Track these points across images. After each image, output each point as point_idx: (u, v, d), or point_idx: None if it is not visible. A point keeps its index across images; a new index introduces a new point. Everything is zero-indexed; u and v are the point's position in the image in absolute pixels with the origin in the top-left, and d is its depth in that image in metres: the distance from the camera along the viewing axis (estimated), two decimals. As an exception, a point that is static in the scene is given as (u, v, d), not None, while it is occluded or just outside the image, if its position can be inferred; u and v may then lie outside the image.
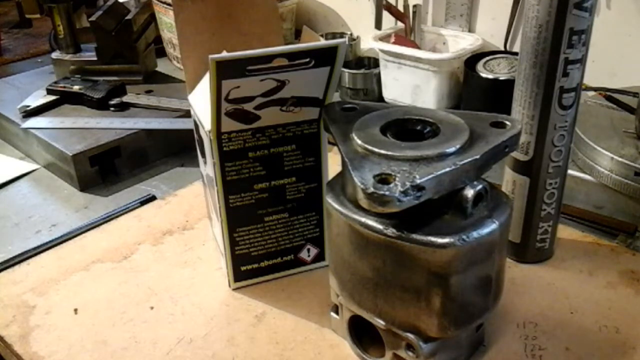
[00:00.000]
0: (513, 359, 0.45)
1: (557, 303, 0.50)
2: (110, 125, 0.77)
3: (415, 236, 0.37)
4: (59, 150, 0.72)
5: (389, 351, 0.43)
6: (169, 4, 0.99)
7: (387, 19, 0.95)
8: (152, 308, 0.52)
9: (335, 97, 0.49)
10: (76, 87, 0.84)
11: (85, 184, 0.72)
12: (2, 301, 0.53)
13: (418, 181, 0.35)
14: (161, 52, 1.07)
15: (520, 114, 0.49)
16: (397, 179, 0.35)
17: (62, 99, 0.84)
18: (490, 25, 0.91)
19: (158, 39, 1.03)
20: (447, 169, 0.36)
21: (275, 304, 0.51)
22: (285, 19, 1.06)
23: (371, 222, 0.39)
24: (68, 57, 0.92)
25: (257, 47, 0.41)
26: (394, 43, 0.89)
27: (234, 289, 0.53)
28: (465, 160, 0.37)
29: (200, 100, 0.50)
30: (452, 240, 0.37)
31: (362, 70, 0.93)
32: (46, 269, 0.57)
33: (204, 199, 0.60)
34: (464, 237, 0.37)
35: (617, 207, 0.62)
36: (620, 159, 0.60)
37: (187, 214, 0.64)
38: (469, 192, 0.38)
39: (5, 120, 0.83)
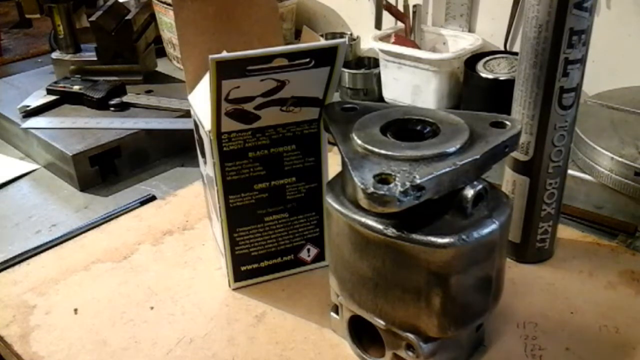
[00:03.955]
0: (513, 359, 0.45)
1: (557, 303, 0.50)
2: (110, 125, 0.77)
3: (415, 236, 0.37)
4: (59, 150, 0.72)
5: (389, 351, 0.43)
6: (169, 4, 0.99)
7: (387, 19, 0.95)
8: (152, 308, 0.52)
9: (335, 97, 0.49)
10: (76, 87, 0.84)
11: (85, 184, 0.72)
12: (2, 301, 0.53)
13: (418, 181, 0.35)
14: (161, 52, 1.07)
15: (520, 114, 0.49)
16: (397, 179, 0.35)
17: (62, 99, 0.83)
18: (490, 25, 0.91)
19: (158, 39, 1.03)
20: (447, 169, 0.36)
21: (275, 304, 0.51)
22: (285, 19, 1.06)
23: (371, 222, 0.39)
24: (68, 57, 0.92)
25: (257, 47, 0.41)
26: (394, 43, 0.89)
27: (234, 289, 0.53)
28: (465, 160, 0.37)
29: (200, 100, 0.50)
30: (452, 240, 0.37)
31: (362, 70, 0.93)
32: (46, 269, 0.57)
33: (204, 199, 0.60)
34: (464, 237, 0.37)
35: (617, 207, 0.62)
36: (620, 159, 0.60)
37: (187, 214, 0.64)
38: (469, 192, 0.38)
39: (5, 120, 0.83)
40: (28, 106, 0.81)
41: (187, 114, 0.77)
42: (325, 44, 0.44)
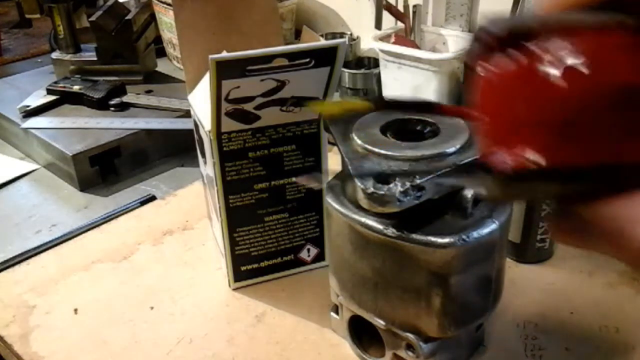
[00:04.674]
0: (513, 359, 0.45)
1: (557, 303, 0.50)
2: (110, 125, 0.77)
3: (415, 236, 0.37)
4: (59, 150, 0.72)
5: (389, 351, 0.43)
6: (169, 4, 0.99)
7: (387, 19, 0.95)
8: (152, 308, 0.52)
9: (335, 97, 0.49)
10: (76, 87, 0.84)
11: (85, 184, 0.72)
12: (2, 301, 0.53)
13: (418, 181, 0.35)
14: (161, 52, 1.07)
15: (520, 114, 0.49)
16: (397, 179, 0.35)
17: (62, 99, 0.83)
18: (490, 25, 0.91)
19: (158, 39, 1.03)
20: (447, 169, 0.36)
21: (275, 304, 0.51)
22: (285, 19, 1.06)
23: (371, 222, 0.39)
24: (68, 57, 0.92)
25: (257, 47, 0.41)
26: (394, 43, 0.89)
27: (234, 289, 0.53)
28: (465, 160, 0.37)
29: (200, 100, 0.50)
30: (452, 240, 0.37)
31: (362, 70, 0.93)
32: (46, 269, 0.57)
33: (204, 199, 0.60)
34: (464, 237, 0.37)
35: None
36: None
37: (187, 214, 0.64)
38: (469, 192, 0.38)
39: (5, 120, 0.83)
40: (28, 106, 0.81)
41: (187, 114, 0.77)
42: (325, 44, 0.44)
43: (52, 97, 0.83)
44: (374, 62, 0.94)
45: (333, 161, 0.49)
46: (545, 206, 0.52)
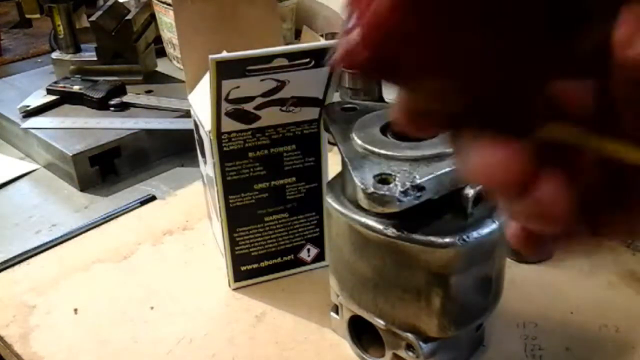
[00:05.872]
0: (513, 359, 0.45)
1: (557, 303, 0.50)
2: (110, 125, 0.77)
3: (415, 236, 0.37)
4: (59, 150, 0.72)
5: (389, 351, 0.43)
6: (169, 4, 0.99)
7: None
8: (152, 308, 0.52)
9: (335, 97, 0.49)
10: (76, 87, 0.84)
11: (85, 184, 0.72)
12: (2, 301, 0.53)
13: (418, 181, 0.35)
14: (161, 52, 1.07)
15: (520, 114, 0.49)
16: (397, 179, 0.35)
17: (62, 99, 0.83)
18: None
19: (158, 39, 1.03)
20: (447, 169, 0.36)
21: (275, 304, 0.51)
22: (285, 19, 1.06)
23: (371, 222, 0.39)
24: (68, 57, 0.92)
25: (257, 47, 0.41)
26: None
27: (234, 289, 0.53)
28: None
29: (200, 100, 0.50)
30: (452, 240, 0.37)
31: (362, 70, 0.93)
32: (46, 269, 0.57)
33: (204, 199, 0.60)
34: (464, 237, 0.37)
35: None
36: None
37: (187, 214, 0.64)
38: (469, 192, 0.38)
39: (5, 120, 0.83)
40: (28, 106, 0.81)
41: (187, 114, 0.77)
42: (325, 44, 0.44)
43: (52, 97, 0.83)
44: (374, 62, 0.94)
45: (333, 161, 0.49)
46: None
